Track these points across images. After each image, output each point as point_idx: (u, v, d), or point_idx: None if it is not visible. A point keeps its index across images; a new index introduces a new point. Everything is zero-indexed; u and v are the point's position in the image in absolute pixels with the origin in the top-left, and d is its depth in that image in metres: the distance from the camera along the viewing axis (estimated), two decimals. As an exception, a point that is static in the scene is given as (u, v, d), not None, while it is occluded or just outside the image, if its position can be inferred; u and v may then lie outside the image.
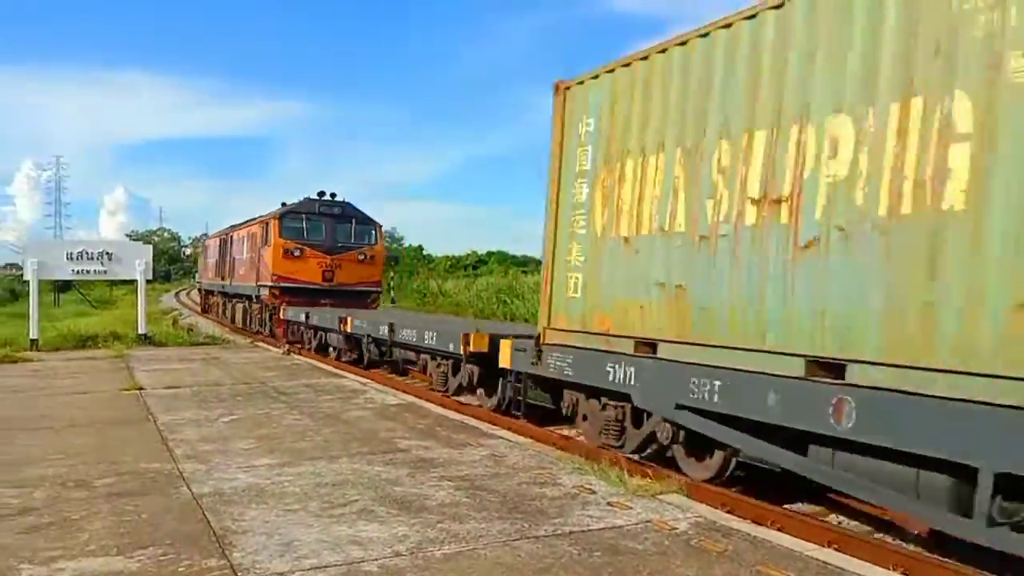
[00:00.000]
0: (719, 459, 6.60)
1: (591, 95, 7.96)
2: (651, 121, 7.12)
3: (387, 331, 13.28)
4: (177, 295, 62.40)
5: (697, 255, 6.48)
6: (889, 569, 4.65)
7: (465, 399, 11.06)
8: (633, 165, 7.31)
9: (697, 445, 6.72)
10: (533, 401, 9.06)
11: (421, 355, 13.06)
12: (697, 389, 6.26)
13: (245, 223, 25.91)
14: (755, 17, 6.07)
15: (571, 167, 8.20)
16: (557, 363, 8.16)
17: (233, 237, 27.22)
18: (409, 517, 5.04)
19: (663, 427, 6.89)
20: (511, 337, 9.35)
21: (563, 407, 8.58)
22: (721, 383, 6.04)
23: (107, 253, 17.99)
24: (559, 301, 8.33)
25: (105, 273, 18.41)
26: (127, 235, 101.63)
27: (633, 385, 7.02)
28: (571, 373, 7.97)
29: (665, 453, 7.11)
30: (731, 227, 6.15)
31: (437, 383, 11.97)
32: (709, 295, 6.34)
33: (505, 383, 9.74)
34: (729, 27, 6.30)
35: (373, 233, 22.07)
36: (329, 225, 21.32)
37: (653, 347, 6.93)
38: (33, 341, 16.85)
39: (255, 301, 23.31)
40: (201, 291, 37.68)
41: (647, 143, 7.16)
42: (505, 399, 9.87)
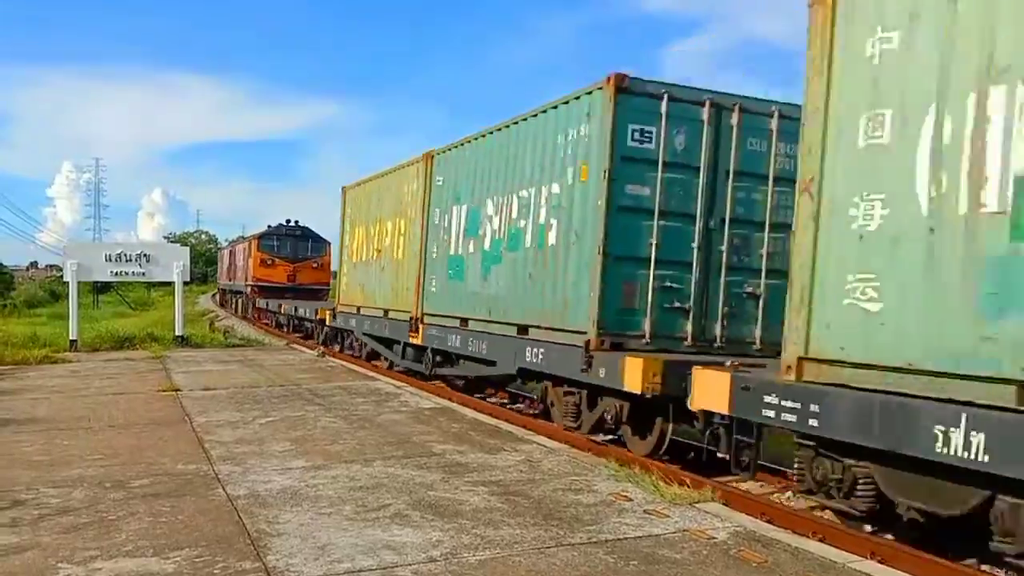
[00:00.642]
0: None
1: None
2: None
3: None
4: (214, 296, 63.32)
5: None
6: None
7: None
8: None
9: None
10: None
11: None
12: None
13: (240, 240, 37.42)
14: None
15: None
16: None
17: (235, 250, 38.40)
18: (443, 522, 4.99)
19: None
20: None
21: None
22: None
23: (145, 255, 18.30)
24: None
25: (143, 275, 18.72)
26: (165, 237, 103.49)
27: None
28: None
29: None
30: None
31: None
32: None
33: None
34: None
35: (324, 247, 31.32)
36: (292, 242, 30.92)
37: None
38: (72, 342, 17.20)
39: (244, 295, 33.60)
40: (219, 289, 49.90)
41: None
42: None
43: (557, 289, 8.66)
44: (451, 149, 11.92)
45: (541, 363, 8.84)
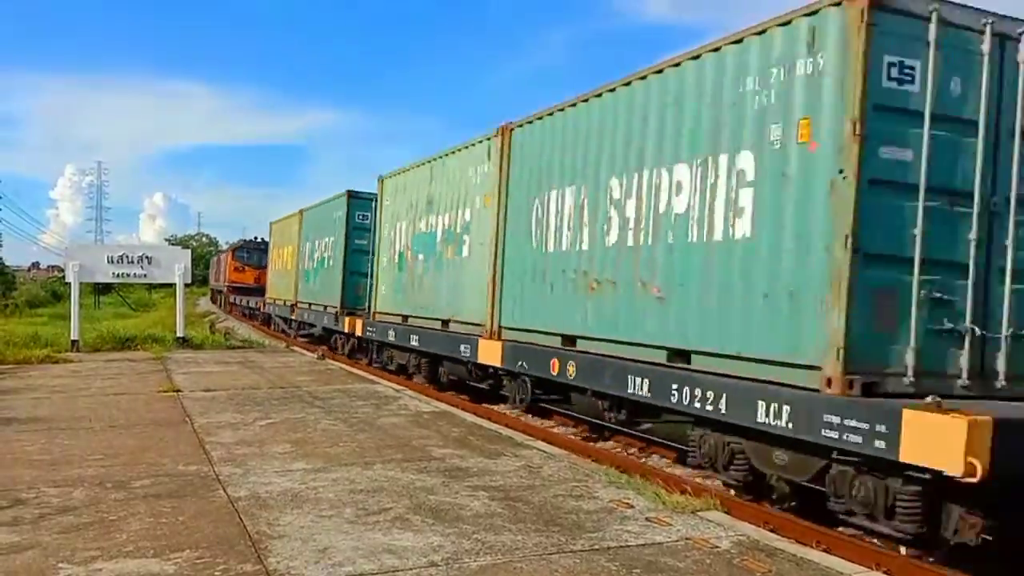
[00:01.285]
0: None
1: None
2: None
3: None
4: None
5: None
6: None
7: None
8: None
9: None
10: None
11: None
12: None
13: (224, 250, 47.50)
14: None
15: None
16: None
17: (220, 258, 47.56)
18: (444, 527, 4.98)
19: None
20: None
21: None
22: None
23: (147, 257, 18.33)
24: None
25: (145, 277, 18.74)
26: (166, 239, 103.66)
27: None
28: None
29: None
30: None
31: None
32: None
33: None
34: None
35: None
36: (258, 254, 36.12)
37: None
38: (74, 342, 17.20)
39: (223, 294, 42.75)
40: (211, 289, 58.52)
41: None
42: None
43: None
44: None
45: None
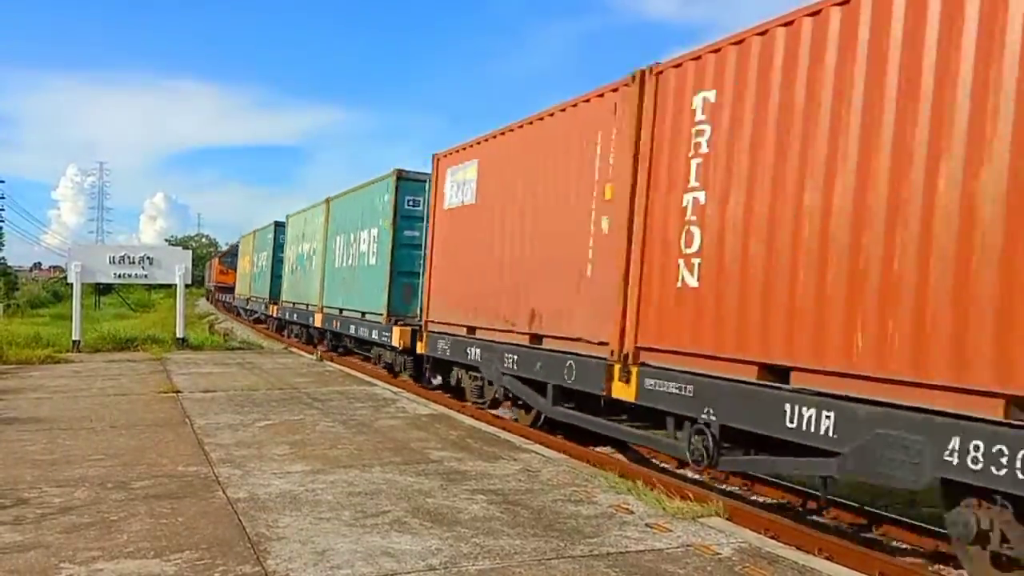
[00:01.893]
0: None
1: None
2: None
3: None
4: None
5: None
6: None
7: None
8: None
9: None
10: None
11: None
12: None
13: (215, 255, 57.47)
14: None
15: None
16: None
17: (211, 262, 56.98)
18: (442, 530, 4.99)
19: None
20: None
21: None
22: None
23: (148, 258, 18.37)
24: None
25: (146, 277, 18.78)
26: (166, 240, 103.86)
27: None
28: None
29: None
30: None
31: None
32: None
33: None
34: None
35: None
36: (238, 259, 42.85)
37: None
38: (75, 342, 17.23)
39: (211, 292, 53.75)
40: (206, 289, 64.99)
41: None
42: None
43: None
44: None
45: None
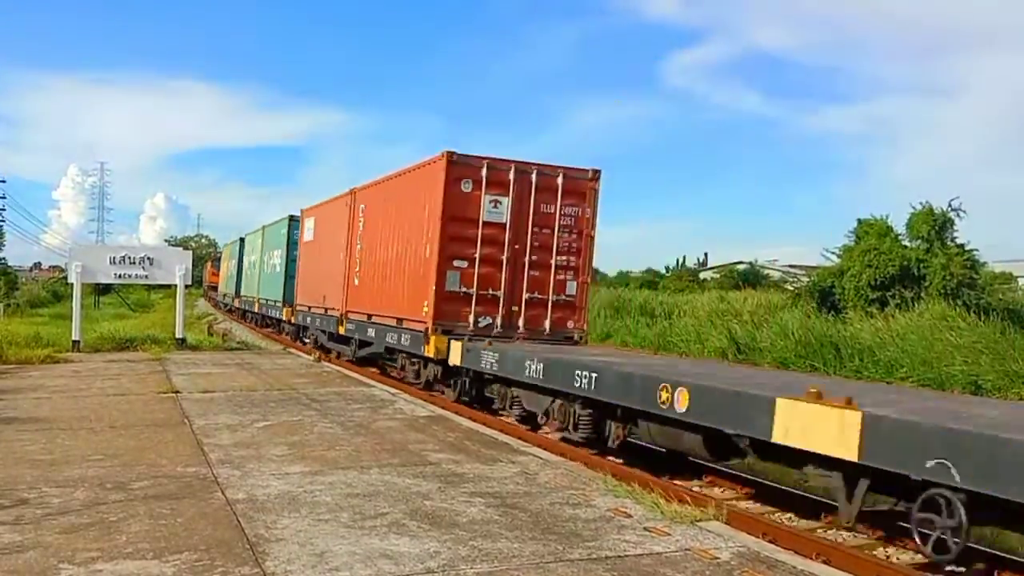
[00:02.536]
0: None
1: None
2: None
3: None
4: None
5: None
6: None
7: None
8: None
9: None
10: None
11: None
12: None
13: (208, 260, 66.68)
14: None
15: None
16: None
17: (207, 265, 66.00)
18: (440, 533, 5.00)
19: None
20: None
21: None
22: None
23: (148, 258, 18.38)
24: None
25: (146, 278, 18.80)
26: (166, 240, 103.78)
27: None
28: None
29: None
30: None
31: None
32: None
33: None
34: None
35: None
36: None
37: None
38: (75, 342, 17.24)
39: (206, 291, 65.29)
40: (203, 287, 71.59)
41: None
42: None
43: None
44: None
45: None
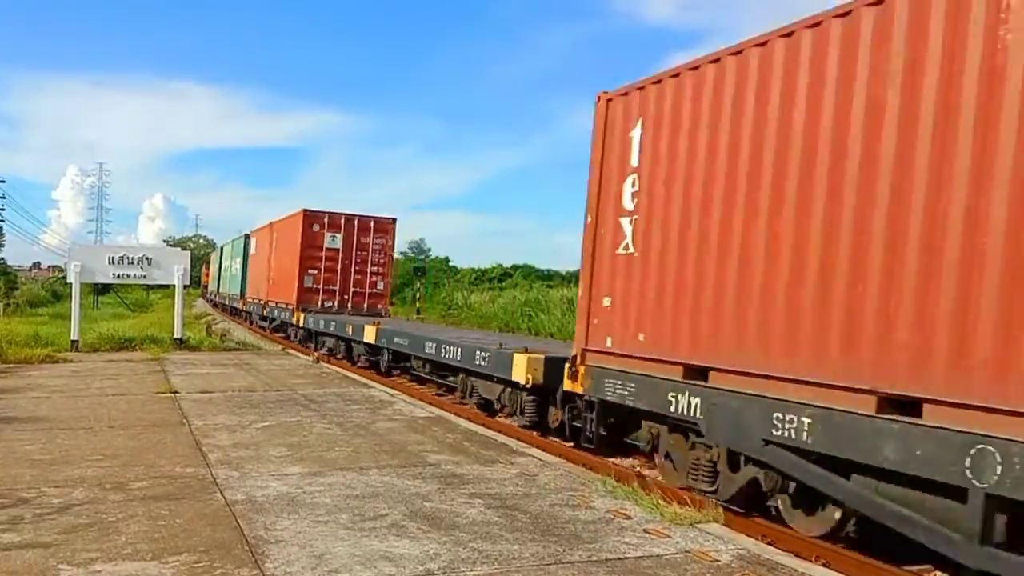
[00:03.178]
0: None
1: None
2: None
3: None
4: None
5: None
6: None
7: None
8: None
9: None
10: None
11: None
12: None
13: (203, 262, 67.13)
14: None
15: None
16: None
17: (203, 267, 65.92)
18: (440, 534, 4.99)
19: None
20: None
21: None
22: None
23: (147, 258, 18.37)
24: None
25: (145, 278, 18.79)
26: (164, 241, 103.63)
27: None
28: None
29: None
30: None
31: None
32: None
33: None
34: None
35: None
36: None
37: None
38: (74, 342, 17.21)
39: (204, 289, 64.78)
40: (202, 286, 72.88)
41: None
42: None
43: None
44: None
45: None
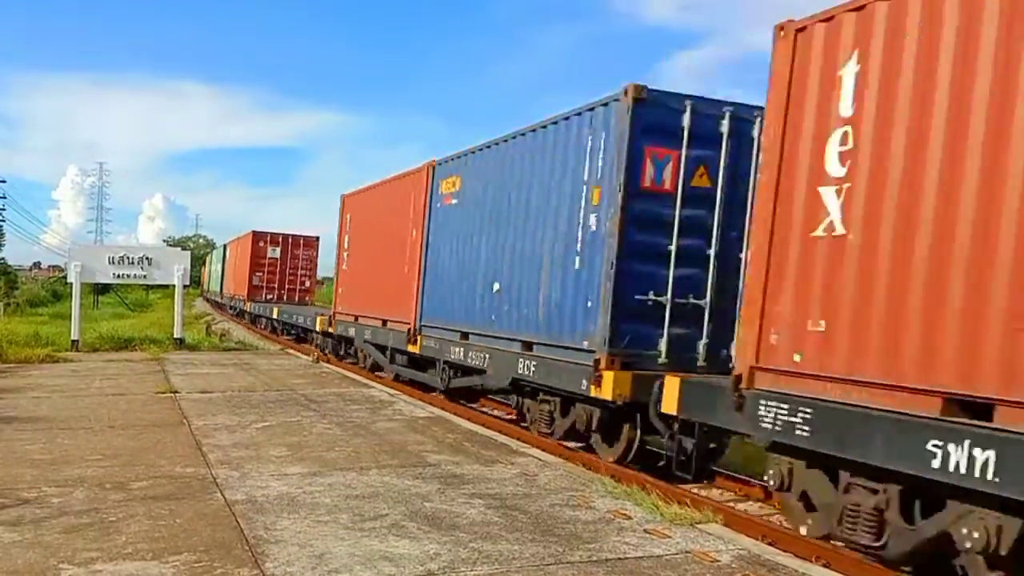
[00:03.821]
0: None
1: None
2: None
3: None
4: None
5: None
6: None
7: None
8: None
9: None
10: None
11: None
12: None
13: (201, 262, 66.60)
14: None
15: None
16: None
17: (202, 266, 65.73)
18: (440, 534, 5.00)
19: None
20: None
21: None
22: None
23: (147, 258, 18.36)
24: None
25: (145, 278, 18.79)
26: (164, 240, 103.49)
27: None
28: None
29: None
30: None
31: None
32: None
33: None
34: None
35: None
36: None
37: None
38: (74, 342, 17.21)
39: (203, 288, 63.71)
40: (201, 286, 73.31)
41: None
42: None
43: None
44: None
45: None
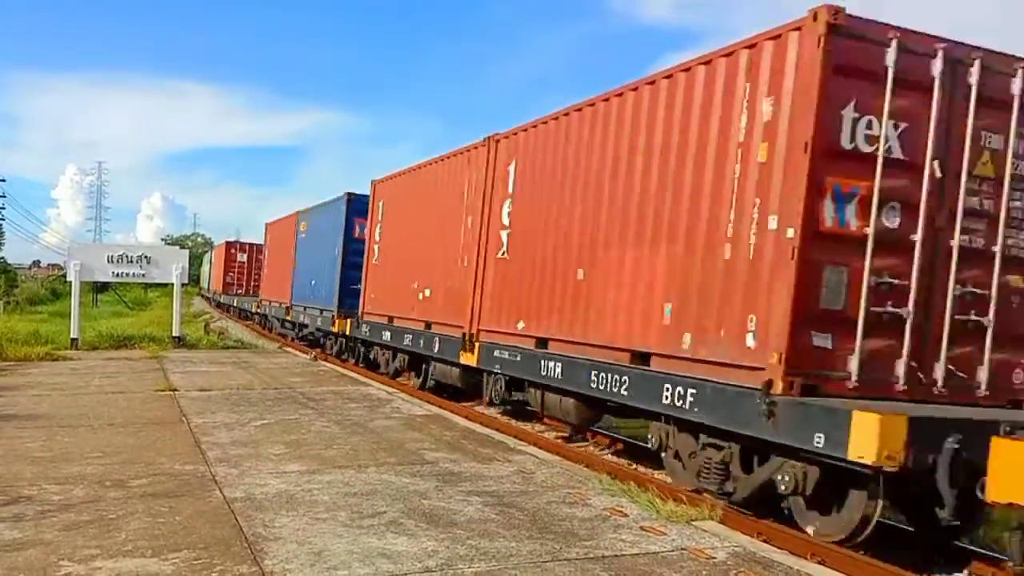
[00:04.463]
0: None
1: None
2: None
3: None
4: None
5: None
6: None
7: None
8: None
9: None
10: None
11: None
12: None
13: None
14: None
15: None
16: None
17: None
18: (438, 532, 5.03)
19: None
20: None
21: None
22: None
23: (146, 257, 18.41)
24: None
25: (143, 276, 18.84)
26: (162, 239, 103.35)
27: None
28: None
29: None
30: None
31: None
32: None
33: None
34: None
35: None
36: None
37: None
38: (73, 340, 17.24)
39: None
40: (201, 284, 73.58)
41: None
42: None
43: None
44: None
45: None
